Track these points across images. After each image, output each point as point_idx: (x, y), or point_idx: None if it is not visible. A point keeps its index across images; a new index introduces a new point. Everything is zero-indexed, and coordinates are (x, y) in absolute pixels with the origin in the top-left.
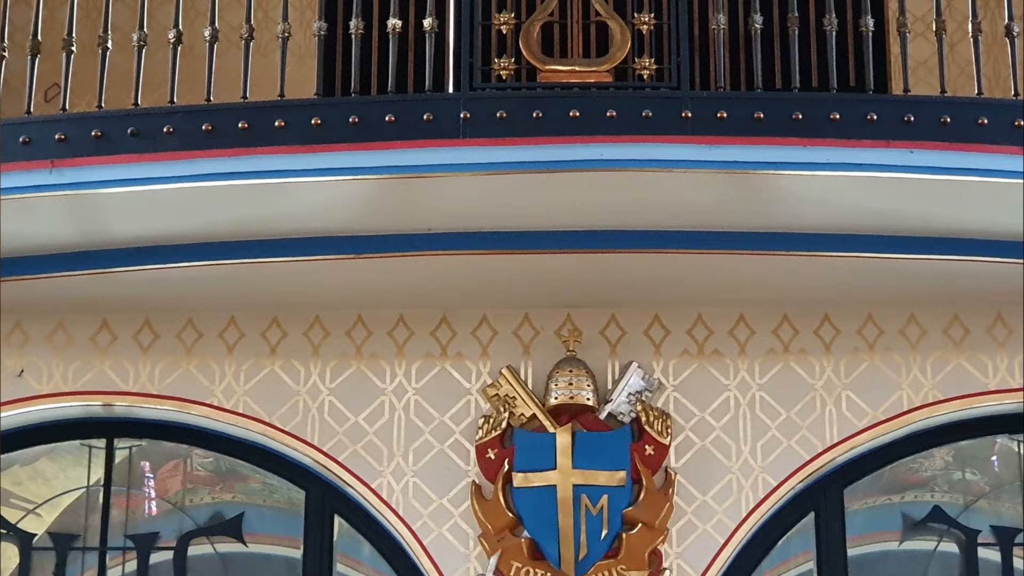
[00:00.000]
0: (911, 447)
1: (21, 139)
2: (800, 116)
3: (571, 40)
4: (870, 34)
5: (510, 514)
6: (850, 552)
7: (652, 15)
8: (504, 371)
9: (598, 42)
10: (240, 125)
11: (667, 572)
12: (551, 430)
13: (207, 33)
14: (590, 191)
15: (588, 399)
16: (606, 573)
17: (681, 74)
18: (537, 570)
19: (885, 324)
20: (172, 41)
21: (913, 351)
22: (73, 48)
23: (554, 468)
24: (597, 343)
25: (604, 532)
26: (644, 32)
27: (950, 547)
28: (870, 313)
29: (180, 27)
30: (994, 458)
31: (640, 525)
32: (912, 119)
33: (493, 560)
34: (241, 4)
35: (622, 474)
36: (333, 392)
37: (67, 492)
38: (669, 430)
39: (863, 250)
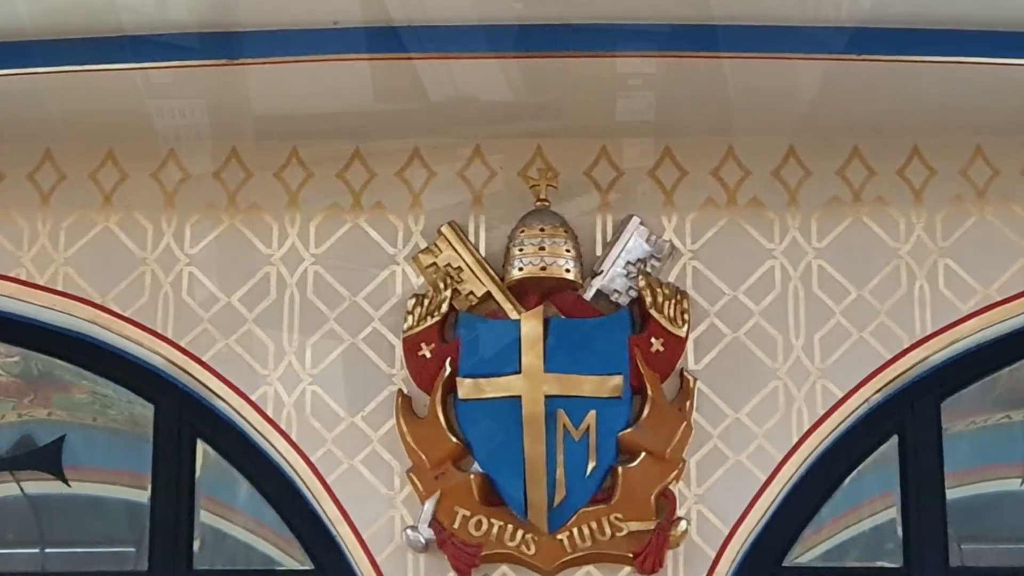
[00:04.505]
0: None
1: None
2: None
3: None
4: None
5: (453, 439)
6: (950, 494)
7: None
8: (445, 229)
9: None
10: None
11: (683, 523)
12: (513, 316)
13: None
14: None
15: (568, 270)
16: (594, 524)
17: None
18: (493, 520)
19: (1001, 161)
20: None
21: None
22: None
23: (518, 371)
24: (580, 188)
25: (591, 465)
26: None
27: None
28: (979, 145)
29: None
30: None
31: (643, 455)
32: None
33: (428, 506)
34: None
35: (617, 380)
36: (195, 260)
37: None
38: (685, 316)
39: (969, 52)
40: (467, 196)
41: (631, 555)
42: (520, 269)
